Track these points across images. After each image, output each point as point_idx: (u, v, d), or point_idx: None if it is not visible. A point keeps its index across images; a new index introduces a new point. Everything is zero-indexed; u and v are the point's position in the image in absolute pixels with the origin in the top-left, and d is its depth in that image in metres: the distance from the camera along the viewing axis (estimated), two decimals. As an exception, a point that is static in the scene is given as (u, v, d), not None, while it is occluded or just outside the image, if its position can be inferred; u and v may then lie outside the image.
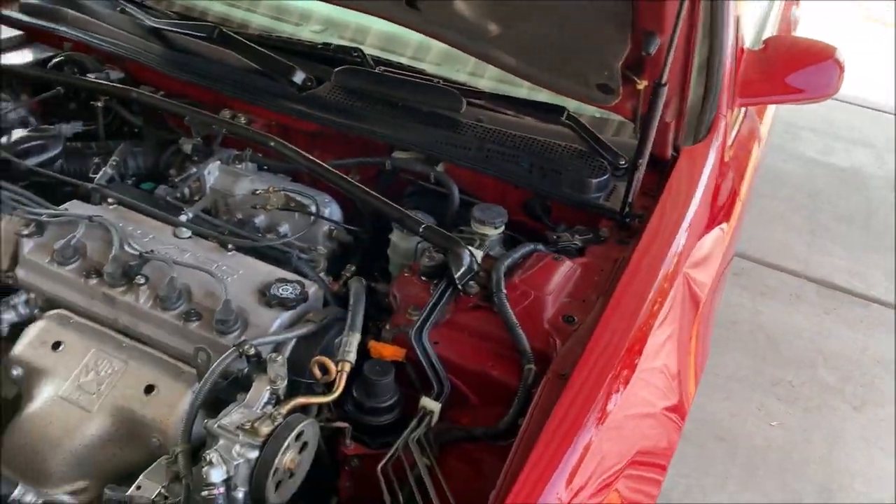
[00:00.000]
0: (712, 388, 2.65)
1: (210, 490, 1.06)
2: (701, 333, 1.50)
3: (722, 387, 2.66)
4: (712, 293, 1.58)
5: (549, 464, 1.03)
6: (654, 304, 1.33)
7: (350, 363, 1.23)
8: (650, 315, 1.32)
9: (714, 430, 2.50)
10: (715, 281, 1.60)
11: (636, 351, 1.24)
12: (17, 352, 1.33)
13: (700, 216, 1.56)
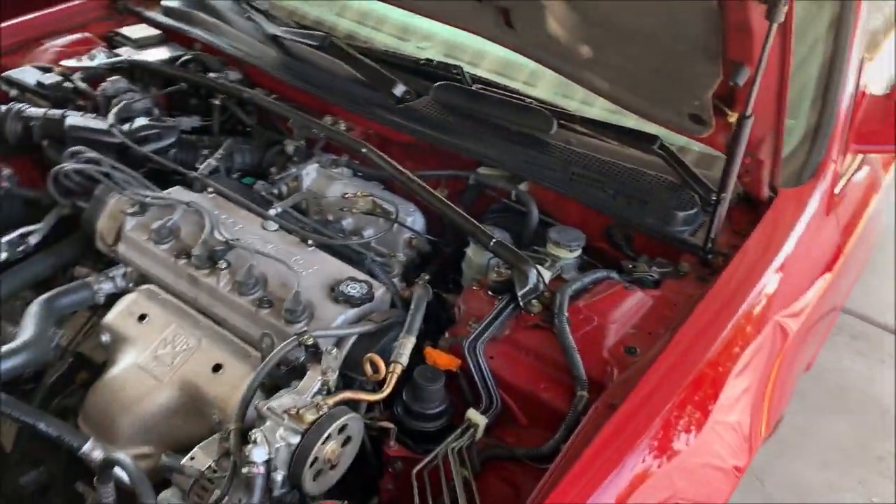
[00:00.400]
0: (811, 454, 2.47)
1: (251, 468, 1.10)
2: (777, 386, 1.42)
3: (822, 454, 2.48)
4: (798, 344, 1.49)
5: (579, 492, 1.01)
6: (728, 346, 1.28)
7: (401, 365, 1.24)
8: (724, 357, 1.27)
9: (807, 498, 2.33)
10: (803, 332, 1.51)
11: (696, 391, 1.18)
12: (108, 319, 1.44)
13: (793, 263, 1.47)
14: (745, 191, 1.52)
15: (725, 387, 1.25)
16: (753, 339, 1.34)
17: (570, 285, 1.36)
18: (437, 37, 2.03)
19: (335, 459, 1.17)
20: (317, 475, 1.16)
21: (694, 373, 1.18)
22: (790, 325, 1.43)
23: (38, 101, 1.78)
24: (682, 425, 1.16)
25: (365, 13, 2.09)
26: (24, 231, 1.60)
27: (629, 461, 1.07)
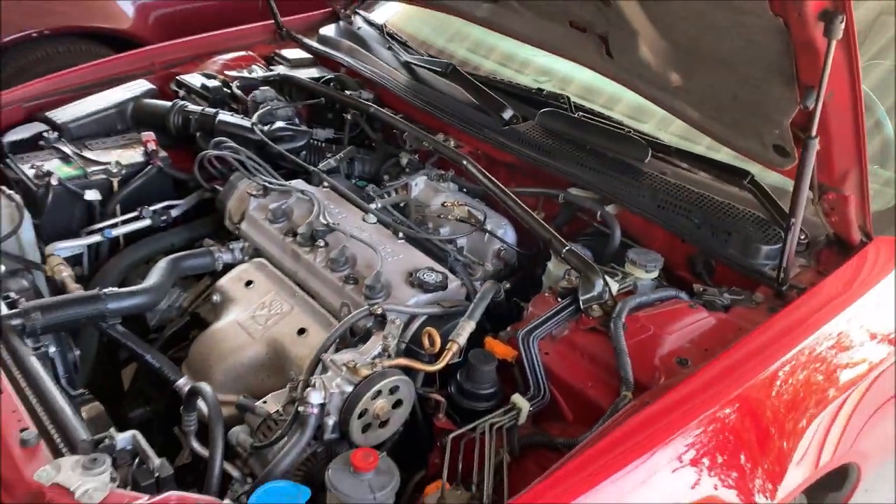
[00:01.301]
0: None
1: (306, 408, 1.22)
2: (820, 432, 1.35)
3: None
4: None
5: (582, 478, 1.05)
6: (774, 376, 1.26)
7: (458, 344, 1.34)
8: (767, 385, 1.25)
9: None
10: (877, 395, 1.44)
11: (729, 410, 1.18)
12: (221, 282, 1.64)
13: (872, 314, 1.43)
14: (836, 233, 1.50)
15: (761, 415, 1.24)
16: (802, 376, 1.31)
17: (634, 297, 1.40)
18: (556, 72, 2.16)
19: (384, 416, 1.27)
20: (366, 428, 1.26)
21: (733, 392, 1.19)
22: (847, 375, 1.38)
23: (199, 101, 2.07)
24: (705, 440, 1.16)
25: (478, 42, 2.27)
26: (169, 204, 1.86)
27: (641, 458, 1.09)
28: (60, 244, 1.70)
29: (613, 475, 1.08)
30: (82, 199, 1.77)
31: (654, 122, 1.82)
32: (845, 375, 1.35)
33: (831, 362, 1.33)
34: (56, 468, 1.08)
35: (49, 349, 1.37)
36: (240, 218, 1.78)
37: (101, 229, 1.75)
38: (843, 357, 1.36)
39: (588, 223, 1.76)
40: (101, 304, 1.47)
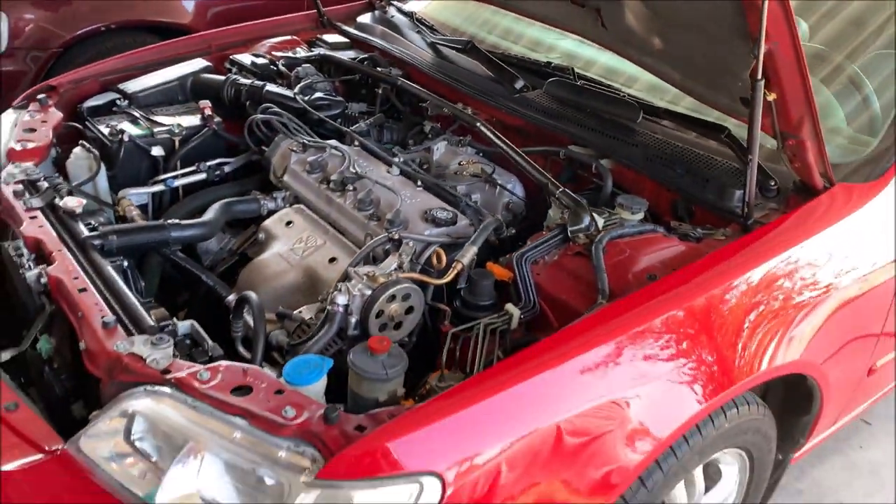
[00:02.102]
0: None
1: (333, 307, 1.47)
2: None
3: None
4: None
5: (544, 360, 1.27)
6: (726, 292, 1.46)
7: (462, 263, 1.57)
8: (717, 300, 1.44)
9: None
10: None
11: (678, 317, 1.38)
12: (266, 223, 1.91)
13: (827, 246, 1.61)
14: (802, 179, 1.69)
15: (713, 320, 1.43)
16: (754, 292, 1.49)
17: (617, 229, 1.62)
18: (580, 56, 2.39)
19: (398, 318, 1.51)
20: (382, 328, 1.51)
21: (689, 298, 1.40)
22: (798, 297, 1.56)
23: (249, 76, 2.35)
24: (660, 337, 1.36)
25: (507, 30, 2.51)
26: (222, 161, 2.14)
27: (595, 349, 1.31)
28: (130, 190, 1.98)
29: (569, 360, 1.29)
30: (149, 154, 2.06)
31: (669, 98, 2.01)
32: (795, 297, 1.54)
33: (783, 283, 1.52)
34: (130, 343, 1.35)
35: (123, 263, 1.64)
36: (282, 172, 2.05)
37: (164, 180, 2.03)
38: (797, 280, 1.54)
39: (589, 181, 1.98)
40: (165, 232, 1.74)
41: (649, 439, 1.32)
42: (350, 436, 1.16)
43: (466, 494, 1.16)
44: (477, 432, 1.19)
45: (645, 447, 1.31)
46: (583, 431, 1.27)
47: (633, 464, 1.31)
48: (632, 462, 1.31)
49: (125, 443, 1.27)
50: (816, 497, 2.39)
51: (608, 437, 1.28)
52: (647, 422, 1.32)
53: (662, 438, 1.32)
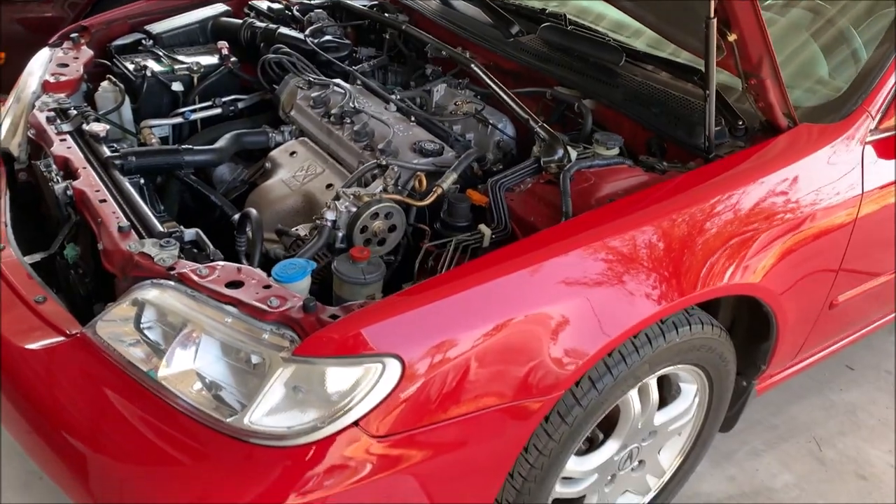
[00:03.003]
0: (882, 438, 2.52)
1: (322, 222, 1.64)
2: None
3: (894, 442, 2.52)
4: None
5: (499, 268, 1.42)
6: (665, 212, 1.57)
7: (442, 188, 1.73)
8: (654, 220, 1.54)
9: (861, 468, 2.40)
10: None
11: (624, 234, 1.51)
12: (272, 153, 2.08)
13: (776, 187, 1.69)
14: (767, 119, 1.80)
15: (668, 239, 1.54)
16: (708, 215, 1.60)
17: (588, 160, 1.76)
18: (591, 9, 2.48)
19: (381, 235, 1.68)
20: (366, 243, 1.67)
21: (644, 216, 1.53)
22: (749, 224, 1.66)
23: (265, 21, 2.51)
24: (608, 251, 1.49)
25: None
26: (236, 97, 2.31)
27: (552, 256, 1.45)
28: (151, 121, 2.17)
29: (525, 264, 1.43)
30: (169, 89, 2.24)
31: (671, 51, 2.11)
32: (748, 225, 1.65)
33: (736, 211, 1.64)
34: (141, 244, 1.53)
35: (140, 181, 1.82)
36: (290, 108, 2.21)
37: (182, 113, 2.21)
38: (750, 209, 1.66)
39: (576, 122, 2.10)
40: (178, 156, 1.93)
41: (597, 340, 1.46)
42: (324, 322, 1.33)
43: (424, 375, 1.33)
44: (436, 322, 1.35)
45: (590, 348, 1.45)
46: (534, 330, 1.41)
47: (581, 362, 1.45)
48: (579, 361, 1.45)
49: (135, 329, 1.46)
50: (789, 432, 2.52)
51: (558, 336, 1.43)
52: (595, 324, 1.46)
53: (610, 338, 1.46)
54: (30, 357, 1.49)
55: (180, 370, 1.39)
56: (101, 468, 1.37)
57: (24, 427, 1.50)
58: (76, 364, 1.46)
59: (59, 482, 1.47)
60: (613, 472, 1.82)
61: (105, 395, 1.42)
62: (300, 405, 1.31)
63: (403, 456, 1.35)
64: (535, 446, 1.54)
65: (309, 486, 1.28)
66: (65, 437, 1.41)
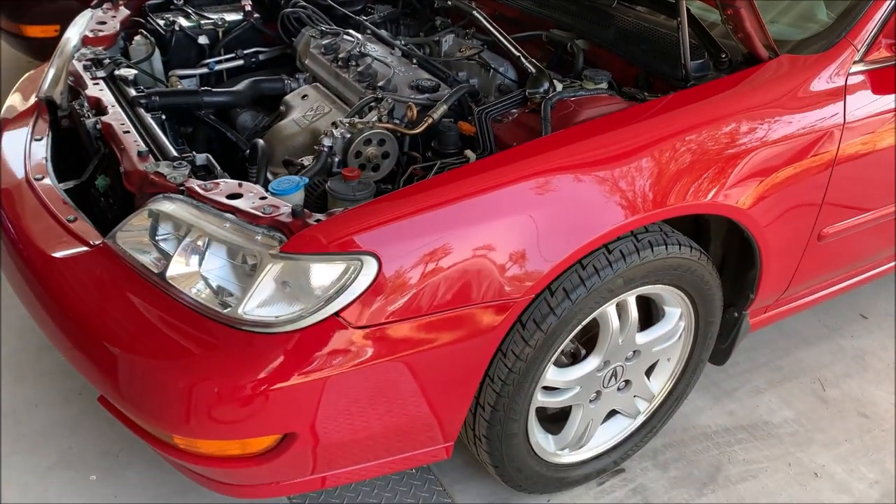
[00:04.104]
0: (888, 380, 2.54)
1: (320, 147, 1.79)
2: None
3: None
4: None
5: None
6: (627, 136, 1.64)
7: (433, 118, 1.85)
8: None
9: (863, 407, 2.44)
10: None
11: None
12: (286, 97, 2.23)
13: (752, 114, 1.75)
14: (748, 51, 1.86)
15: (630, 159, 1.61)
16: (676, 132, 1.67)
17: (571, 91, 1.85)
18: None
19: (374, 161, 1.81)
20: (361, 168, 1.81)
21: (611, 138, 1.62)
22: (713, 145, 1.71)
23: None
24: (579, 165, 1.58)
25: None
26: (258, 50, 2.48)
27: (524, 167, 1.55)
28: (179, 71, 2.35)
29: (500, 175, 1.54)
30: (196, 42, 2.42)
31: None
32: (719, 148, 1.72)
33: (710, 133, 1.71)
34: (156, 165, 1.70)
35: (162, 116, 2.00)
36: (305, 57, 2.37)
37: (208, 64, 2.39)
38: (724, 133, 1.73)
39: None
40: (198, 96, 2.10)
41: (567, 246, 1.56)
42: (310, 225, 1.48)
43: (400, 273, 1.46)
44: (412, 225, 1.47)
45: (561, 253, 1.56)
46: (506, 234, 1.52)
47: (550, 267, 1.56)
48: (549, 266, 1.56)
49: (150, 240, 1.64)
50: (793, 373, 2.56)
51: (529, 241, 1.53)
52: (565, 231, 1.56)
53: (580, 245, 1.57)
54: (59, 264, 1.67)
55: (187, 271, 1.55)
56: (128, 364, 1.52)
57: (55, 329, 1.69)
58: (98, 270, 1.64)
59: (87, 375, 1.64)
60: (598, 389, 1.91)
61: (124, 297, 1.60)
62: (288, 298, 1.46)
63: (383, 346, 1.48)
64: (513, 351, 1.65)
65: (289, 369, 1.43)
66: (91, 334, 1.59)
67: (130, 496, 1.97)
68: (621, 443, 2.09)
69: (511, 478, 1.89)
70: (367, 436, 1.60)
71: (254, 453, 1.54)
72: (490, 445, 1.79)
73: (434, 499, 2.01)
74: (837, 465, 2.23)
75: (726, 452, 2.24)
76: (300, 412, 1.48)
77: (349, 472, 1.68)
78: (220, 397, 1.44)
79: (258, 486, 1.64)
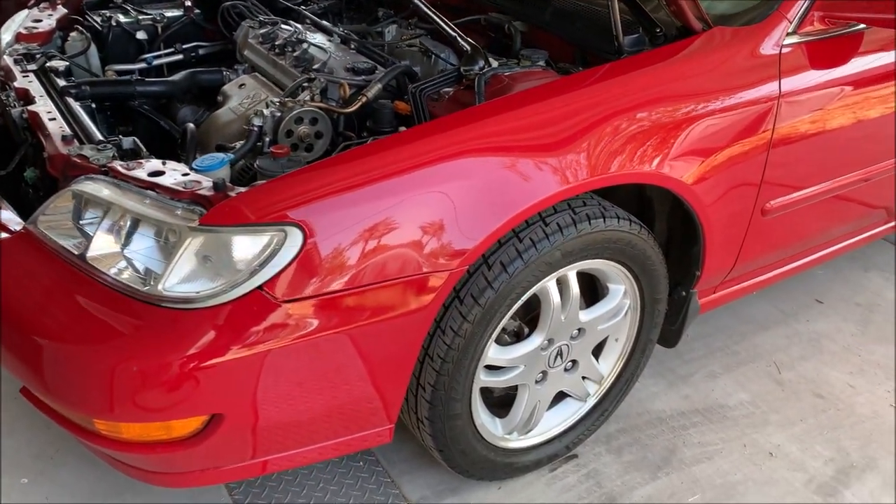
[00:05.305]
0: (844, 361, 2.53)
1: (250, 127, 1.75)
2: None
3: (857, 365, 2.52)
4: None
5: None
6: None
7: (366, 97, 1.82)
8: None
9: (818, 388, 2.42)
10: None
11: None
12: (224, 87, 2.20)
13: (680, 84, 1.74)
14: (682, 24, 1.86)
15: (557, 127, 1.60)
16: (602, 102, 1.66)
17: (506, 68, 1.84)
18: None
19: (307, 140, 1.78)
20: (294, 148, 1.78)
21: (536, 108, 1.60)
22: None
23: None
24: (505, 133, 1.56)
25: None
26: (198, 44, 2.45)
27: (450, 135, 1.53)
28: (116, 66, 2.31)
29: (423, 145, 1.51)
30: (134, 37, 2.38)
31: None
32: (648, 116, 1.70)
33: (637, 102, 1.69)
34: (80, 148, 1.66)
35: (91, 104, 1.96)
36: (244, 49, 2.34)
37: (146, 59, 2.35)
38: (652, 102, 1.71)
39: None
40: (130, 86, 2.07)
41: (497, 216, 1.53)
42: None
43: (326, 245, 1.42)
44: (338, 195, 1.43)
45: (491, 224, 1.53)
46: (434, 205, 1.49)
47: (482, 238, 1.53)
48: (480, 237, 1.53)
49: (73, 223, 1.58)
50: (749, 357, 2.55)
51: (458, 212, 1.50)
52: (494, 202, 1.53)
53: (509, 216, 1.54)
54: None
55: (108, 251, 1.50)
56: (46, 349, 1.45)
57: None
58: (19, 256, 1.59)
59: (7, 365, 1.58)
60: (544, 369, 1.88)
61: (45, 282, 1.54)
62: (211, 273, 1.42)
63: (312, 322, 1.44)
64: (451, 328, 1.62)
65: (210, 346, 1.38)
66: (8, 321, 1.53)
67: (62, 496, 1.89)
68: (572, 427, 2.05)
69: (457, 462, 1.84)
70: (308, 417, 1.55)
71: (180, 437, 1.48)
72: (433, 427, 1.74)
73: (381, 490, 1.96)
74: (792, 444, 2.20)
75: (681, 436, 2.21)
76: (225, 392, 1.43)
77: (292, 455, 1.63)
78: (139, 377, 1.38)
79: (191, 472, 1.58)
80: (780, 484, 2.07)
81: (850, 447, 2.20)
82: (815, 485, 2.07)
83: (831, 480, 2.09)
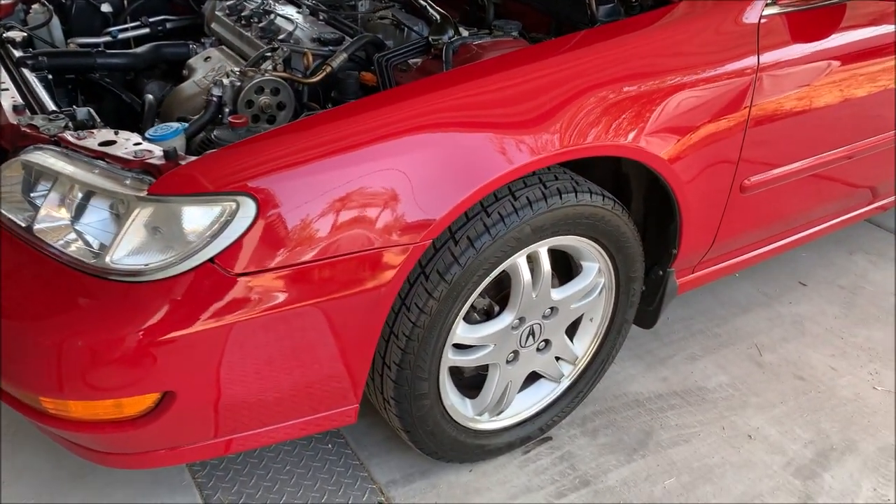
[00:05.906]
0: (826, 344, 2.49)
1: (209, 97, 1.69)
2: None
3: (840, 347, 2.48)
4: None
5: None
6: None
7: (331, 66, 1.76)
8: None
9: (799, 370, 2.38)
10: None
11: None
12: (189, 60, 2.13)
13: (651, 53, 1.69)
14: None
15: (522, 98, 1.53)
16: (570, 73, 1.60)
17: (476, 38, 1.78)
18: None
19: (269, 111, 1.72)
20: (255, 119, 1.72)
21: (502, 78, 1.54)
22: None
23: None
24: (469, 101, 1.51)
25: None
26: (165, 18, 2.38)
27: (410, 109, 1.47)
28: (80, 39, 2.24)
29: (385, 113, 1.45)
30: (99, 10, 2.31)
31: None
32: (621, 87, 1.64)
33: (609, 72, 1.63)
34: (31, 118, 1.60)
35: (48, 76, 1.89)
36: (212, 22, 2.27)
37: (111, 32, 2.29)
38: (622, 73, 1.65)
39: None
40: (91, 58, 2.00)
41: (462, 189, 1.47)
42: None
43: (281, 215, 1.36)
44: (294, 165, 1.37)
45: (456, 197, 1.47)
46: (395, 176, 1.43)
47: (446, 211, 1.47)
48: (444, 209, 1.47)
49: (22, 196, 1.52)
50: (730, 340, 2.50)
51: (420, 183, 1.44)
52: (457, 173, 1.47)
53: (475, 189, 1.48)
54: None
55: (56, 224, 1.44)
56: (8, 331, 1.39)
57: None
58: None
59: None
60: (515, 349, 1.83)
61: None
62: (161, 245, 1.36)
63: (267, 296, 1.38)
64: (416, 304, 1.56)
65: (160, 321, 1.32)
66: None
67: (16, 481, 1.84)
68: (546, 409, 2.00)
69: (425, 444, 1.79)
70: (274, 396, 1.50)
71: (131, 416, 1.43)
72: (399, 408, 1.69)
73: (350, 472, 1.91)
74: (772, 427, 2.16)
75: (658, 418, 2.17)
76: (176, 368, 1.37)
77: (256, 434, 1.57)
78: (86, 353, 1.33)
79: (149, 453, 1.53)
80: (757, 466, 2.02)
81: (831, 430, 2.16)
82: (794, 467, 2.03)
83: (810, 463, 2.05)
